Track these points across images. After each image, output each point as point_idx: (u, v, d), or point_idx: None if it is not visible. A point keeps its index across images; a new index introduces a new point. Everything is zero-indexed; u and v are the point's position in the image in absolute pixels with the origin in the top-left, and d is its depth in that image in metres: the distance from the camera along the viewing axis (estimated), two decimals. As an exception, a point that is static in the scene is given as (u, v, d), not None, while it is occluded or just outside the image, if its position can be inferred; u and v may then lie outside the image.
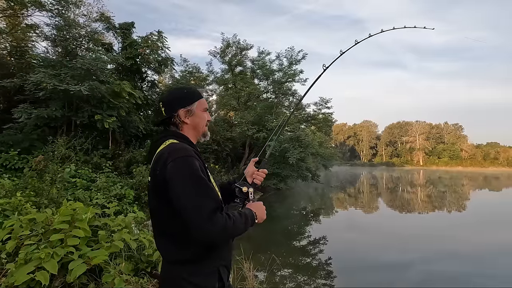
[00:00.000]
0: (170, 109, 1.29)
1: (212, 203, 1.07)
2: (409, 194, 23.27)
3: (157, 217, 1.22)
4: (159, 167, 1.13)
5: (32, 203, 4.51)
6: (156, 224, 1.23)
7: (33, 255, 2.21)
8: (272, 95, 20.14)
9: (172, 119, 1.29)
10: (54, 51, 11.28)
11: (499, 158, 76.37)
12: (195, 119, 1.31)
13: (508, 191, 26.98)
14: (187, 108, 1.29)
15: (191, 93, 1.34)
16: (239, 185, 1.40)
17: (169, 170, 1.09)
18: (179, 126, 1.30)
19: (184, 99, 1.31)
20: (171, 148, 1.16)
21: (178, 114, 1.28)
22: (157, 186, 1.15)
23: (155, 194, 1.18)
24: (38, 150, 8.21)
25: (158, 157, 1.17)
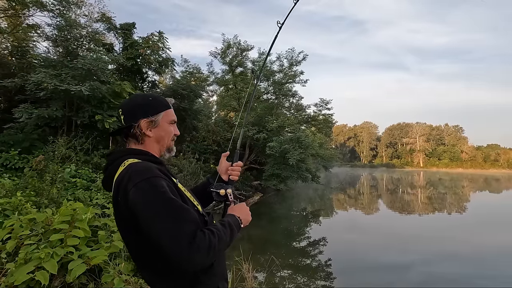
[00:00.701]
0: (130, 117, 1.12)
1: (189, 226, 0.92)
2: (409, 195, 23.26)
3: (131, 250, 1.07)
4: (120, 196, 0.98)
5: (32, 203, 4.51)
6: (133, 257, 1.09)
7: (33, 255, 2.22)
8: (273, 96, 20.17)
9: (132, 129, 1.12)
10: (55, 51, 11.30)
11: (500, 160, 76.30)
12: (159, 131, 1.15)
13: (509, 193, 26.95)
14: (150, 118, 1.12)
15: (157, 101, 1.17)
16: (215, 188, 1.28)
17: (131, 198, 0.93)
18: (139, 139, 1.13)
19: (148, 107, 1.13)
20: (131, 170, 0.99)
21: (139, 124, 1.11)
22: (122, 217, 1.02)
23: (122, 226, 1.05)
24: (38, 150, 8.23)
25: (117, 183, 1.01)
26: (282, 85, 19.09)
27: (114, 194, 1.02)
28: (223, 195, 1.26)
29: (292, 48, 18.87)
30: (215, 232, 0.96)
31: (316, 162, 20.35)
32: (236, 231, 1.08)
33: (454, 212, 15.43)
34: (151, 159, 1.10)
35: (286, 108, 21.01)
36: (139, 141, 1.13)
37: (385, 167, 77.01)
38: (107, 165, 1.12)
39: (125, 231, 1.06)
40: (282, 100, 20.46)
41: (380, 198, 21.99)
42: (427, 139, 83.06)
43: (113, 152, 1.15)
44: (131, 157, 1.07)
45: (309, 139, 15.78)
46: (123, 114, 1.15)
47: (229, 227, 1.05)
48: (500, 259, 7.68)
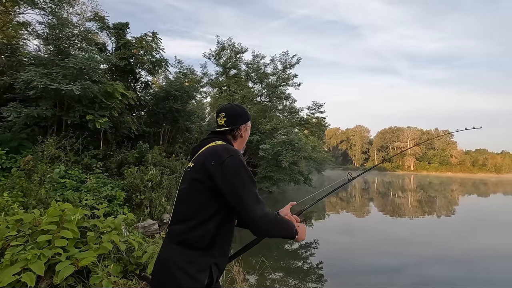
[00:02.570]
0: (234, 122, 1.50)
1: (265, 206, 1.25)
2: (400, 198, 23.55)
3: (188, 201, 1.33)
4: (215, 158, 1.28)
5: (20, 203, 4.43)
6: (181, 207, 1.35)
7: (19, 256, 2.17)
8: (266, 98, 20.25)
9: (235, 131, 1.50)
10: (46, 49, 11.12)
11: (487, 165, 78.00)
12: (246, 134, 1.57)
13: (496, 196, 27.54)
14: (246, 124, 1.55)
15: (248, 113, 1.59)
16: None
17: (227, 164, 1.25)
18: (236, 138, 1.52)
19: (245, 117, 1.55)
20: (226, 147, 1.34)
21: (240, 128, 1.52)
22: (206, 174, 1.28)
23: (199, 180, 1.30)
24: (27, 150, 8.07)
25: (211, 150, 1.34)
26: (275, 87, 19.19)
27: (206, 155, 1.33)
28: None
29: (286, 51, 19.02)
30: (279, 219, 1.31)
31: (308, 165, 20.46)
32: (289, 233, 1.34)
33: (444, 216, 15.68)
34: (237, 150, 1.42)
35: (280, 111, 21.12)
36: (235, 139, 1.52)
37: (376, 170, 77.87)
38: (204, 138, 1.49)
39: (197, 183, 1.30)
40: (276, 102, 20.56)
41: (372, 201, 22.21)
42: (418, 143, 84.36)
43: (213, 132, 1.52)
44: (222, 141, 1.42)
45: (302, 142, 15.87)
46: (226, 117, 1.50)
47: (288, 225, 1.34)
48: (488, 262, 7.83)
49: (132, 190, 8.62)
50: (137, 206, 8.56)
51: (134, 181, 8.71)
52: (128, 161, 10.13)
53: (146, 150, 10.51)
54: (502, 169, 76.99)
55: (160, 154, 11.25)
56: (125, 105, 10.58)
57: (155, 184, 9.28)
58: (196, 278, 1.23)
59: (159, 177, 9.55)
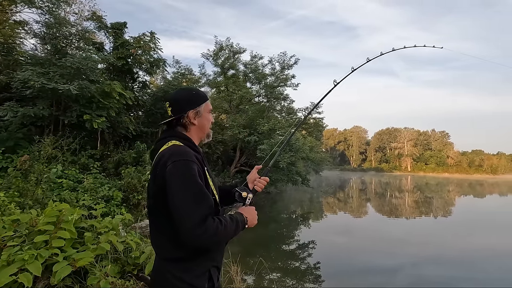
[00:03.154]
0: (179, 109, 1.31)
1: (204, 209, 1.09)
2: (397, 199, 23.65)
3: (155, 215, 1.24)
4: (159, 168, 1.16)
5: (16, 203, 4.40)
6: (153, 222, 1.25)
7: (16, 256, 2.16)
8: (264, 99, 20.26)
9: (181, 119, 1.31)
10: (43, 48, 11.05)
11: (483, 166, 78.53)
12: (202, 120, 1.35)
13: (492, 197, 27.74)
14: (196, 109, 1.32)
15: (199, 94, 1.37)
16: (240, 189, 1.43)
17: (168, 172, 1.11)
18: (187, 127, 1.32)
19: (193, 100, 1.34)
20: (173, 150, 1.18)
21: (187, 115, 1.31)
22: (156, 185, 1.17)
23: (154, 193, 1.20)
24: (23, 150, 8.01)
25: (159, 157, 1.20)
26: (273, 88, 19.19)
27: (155, 165, 1.20)
28: (244, 197, 1.42)
29: (284, 52, 19.04)
30: (223, 222, 1.14)
31: (306, 165, 20.48)
32: (240, 228, 1.24)
33: (440, 216, 15.77)
34: (191, 145, 1.28)
35: (278, 111, 21.12)
36: (186, 129, 1.33)
37: (374, 171, 78.15)
38: (157, 141, 1.33)
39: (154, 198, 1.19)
40: (274, 103, 20.56)
41: (369, 201, 22.29)
42: (415, 144, 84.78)
43: (165, 131, 1.36)
44: (175, 139, 1.26)
45: (300, 142, 15.88)
46: (171, 106, 1.32)
47: (236, 222, 1.22)
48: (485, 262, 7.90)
49: (130, 190, 8.59)
50: (134, 207, 8.53)
51: (131, 181, 8.68)
52: (126, 161, 10.09)
53: (144, 150, 10.47)
54: (498, 170, 77.57)
55: (158, 154, 11.21)
56: (123, 105, 10.54)
57: (153, 184, 9.24)
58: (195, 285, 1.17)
59: (156, 177, 9.50)
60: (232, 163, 18.25)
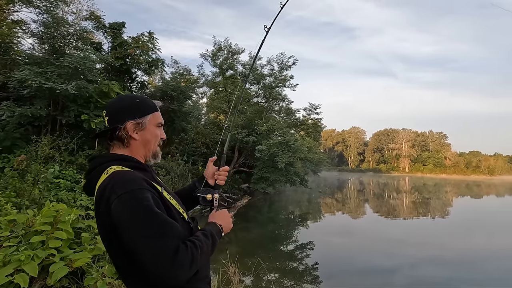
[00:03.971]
0: (115, 119, 1.08)
1: (172, 241, 0.90)
2: (395, 200, 23.71)
3: (113, 259, 1.04)
4: (102, 207, 0.95)
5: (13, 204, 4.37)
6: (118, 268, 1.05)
7: (12, 257, 2.15)
8: (263, 99, 20.27)
9: (117, 132, 1.07)
10: (41, 48, 11.01)
11: (481, 166, 78.97)
12: (145, 134, 1.11)
13: (489, 198, 27.87)
14: (137, 120, 1.09)
15: (144, 103, 1.13)
16: (202, 193, 1.29)
17: (114, 210, 0.91)
18: (125, 142, 1.08)
19: (135, 109, 1.10)
20: (114, 180, 0.95)
21: (125, 126, 1.07)
22: (103, 228, 0.99)
23: (104, 236, 1.01)
24: (20, 150, 7.97)
25: (99, 193, 0.97)
26: (272, 89, 19.22)
27: (96, 203, 0.99)
28: (209, 200, 1.27)
29: (283, 53, 19.07)
30: (197, 245, 0.96)
31: (304, 166, 20.50)
32: (217, 240, 1.08)
33: (438, 217, 15.83)
34: (136, 165, 1.07)
35: (276, 112, 21.15)
36: (124, 144, 1.09)
37: (372, 171, 78.38)
38: (89, 171, 1.08)
39: (106, 241, 1.02)
40: (272, 103, 20.59)
41: (367, 202, 22.34)
42: (413, 145, 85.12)
43: (95, 157, 1.10)
44: (115, 163, 1.03)
45: (298, 143, 15.90)
46: (108, 115, 1.10)
47: (211, 237, 1.05)
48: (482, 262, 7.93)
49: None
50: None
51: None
52: (124, 162, 10.06)
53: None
54: (495, 171, 78.02)
55: (156, 155, 11.19)
56: (121, 105, 10.50)
57: (151, 184, 9.22)
58: None
59: (154, 178, 9.49)
60: (230, 163, 18.24)
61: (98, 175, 1.02)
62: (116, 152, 1.10)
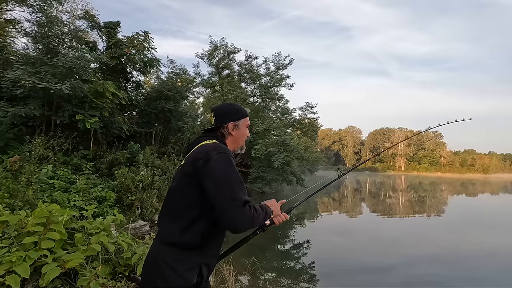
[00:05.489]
0: (221, 120, 1.48)
1: (245, 196, 1.22)
2: (391, 199, 23.85)
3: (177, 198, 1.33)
4: (203, 155, 1.27)
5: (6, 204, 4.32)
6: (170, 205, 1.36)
7: (3, 258, 2.12)
8: (259, 99, 20.26)
9: (221, 129, 1.48)
10: (35, 47, 10.90)
11: (475, 165, 79.69)
12: (239, 133, 1.51)
13: (484, 196, 28.14)
14: (235, 122, 1.49)
15: (240, 110, 1.54)
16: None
17: (213, 160, 1.24)
18: (226, 136, 1.48)
19: (234, 114, 1.51)
20: (216, 145, 1.33)
21: (227, 125, 1.47)
22: (195, 171, 1.27)
23: (188, 177, 1.30)
24: (14, 150, 7.88)
25: (201, 148, 1.34)
26: (268, 88, 19.21)
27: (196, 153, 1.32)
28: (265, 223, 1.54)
29: (279, 52, 19.08)
30: (257, 210, 1.30)
31: (301, 165, 20.53)
32: (267, 218, 1.43)
33: (434, 215, 15.94)
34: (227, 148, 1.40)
35: (272, 111, 21.15)
36: (224, 137, 1.48)
37: (368, 170, 78.73)
38: (197, 138, 1.49)
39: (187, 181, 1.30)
40: (268, 103, 20.59)
41: (364, 201, 22.44)
42: (408, 144, 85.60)
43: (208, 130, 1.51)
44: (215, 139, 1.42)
45: (295, 142, 15.92)
46: (215, 116, 1.49)
47: (265, 212, 1.39)
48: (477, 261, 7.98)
49: (123, 191, 8.51)
50: (128, 207, 8.45)
51: (125, 181, 8.60)
52: (119, 162, 10.00)
53: (138, 150, 10.39)
54: (489, 169, 78.80)
55: (152, 155, 11.14)
56: (116, 105, 10.44)
57: (147, 184, 9.18)
58: (184, 277, 1.23)
59: (150, 178, 9.45)
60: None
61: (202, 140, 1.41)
62: None
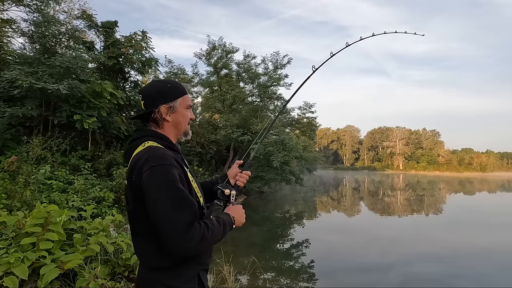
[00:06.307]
0: (150, 103, 1.19)
1: (188, 216, 1.01)
2: (389, 197, 23.91)
3: (135, 222, 1.15)
4: (135, 174, 1.06)
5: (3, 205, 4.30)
6: (134, 229, 1.17)
7: (1, 259, 2.11)
8: (257, 98, 20.24)
9: (152, 114, 1.20)
10: (32, 47, 10.84)
11: (473, 164, 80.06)
12: (177, 116, 1.23)
13: (481, 195, 28.27)
14: (169, 104, 1.20)
15: (175, 88, 1.24)
16: (222, 187, 1.36)
17: (144, 179, 1.02)
18: (159, 123, 1.21)
19: (167, 94, 1.21)
20: (149, 153, 1.07)
21: (159, 110, 1.19)
22: (133, 192, 1.09)
23: (132, 200, 1.12)
24: (11, 151, 7.84)
25: (134, 161, 1.09)
26: (266, 87, 19.20)
27: (130, 170, 1.11)
28: (227, 195, 1.35)
29: (277, 52, 19.06)
30: (209, 227, 1.06)
31: (300, 165, 20.56)
32: (228, 229, 1.17)
33: (432, 214, 16.00)
34: (169, 145, 1.19)
35: (271, 111, 21.12)
36: (158, 125, 1.22)
37: (366, 170, 78.94)
38: (131, 140, 1.22)
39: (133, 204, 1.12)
40: (267, 102, 20.57)
41: (362, 200, 22.49)
42: (407, 143, 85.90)
43: (139, 130, 1.26)
44: (152, 139, 1.16)
45: (293, 141, 15.92)
46: (144, 100, 1.22)
47: (223, 224, 1.15)
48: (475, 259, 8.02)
49: (122, 191, 8.49)
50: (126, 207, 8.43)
51: (123, 182, 8.57)
52: (117, 162, 9.97)
53: (136, 150, 10.36)
54: (487, 168, 79.19)
55: (150, 155, 11.12)
56: (114, 105, 10.41)
57: (145, 185, 9.17)
58: None
59: (149, 178, 9.43)
60: (226, 163, 18.20)
61: (136, 146, 1.15)
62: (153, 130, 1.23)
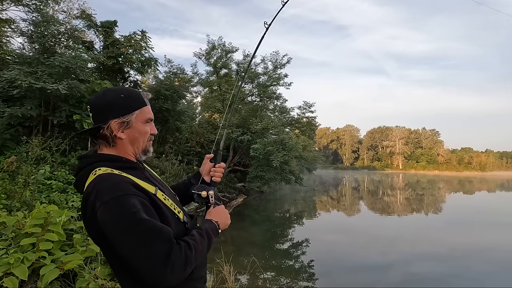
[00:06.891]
0: (99, 117, 1.00)
1: (161, 246, 0.86)
2: (389, 197, 23.93)
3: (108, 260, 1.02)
4: (89, 212, 0.91)
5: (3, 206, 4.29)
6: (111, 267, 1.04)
7: (1, 260, 2.10)
8: (257, 98, 20.24)
9: (101, 130, 1.00)
10: (31, 47, 10.82)
11: (472, 163, 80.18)
12: (132, 132, 1.03)
13: (481, 194, 28.31)
14: (121, 119, 1.00)
15: (130, 98, 1.03)
16: (197, 189, 1.26)
17: (100, 219, 0.87)
18: (110, 141, 1.01)
19: (120, 106, 1.01)
20: (99, 186, 0.90)
21: (109, 126, 0.99)
22: (92, 231, 0.95)
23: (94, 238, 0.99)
24: (10, 151, 7.83)
25: (85, 197, 0.93)
26: (266, 87, 19.21)
27: (83, 207, 0.95)
28: (204, 197, 1.24)
29: (277, 51, 19.07)
30: (191, 245, 0.93)
31: (299, 164, 20.56)
32: (213, 237, 1.05)
33: (431, 213, 16.02)
34: (125, 165, 1.01)
35: (270, 111, 21.15)
36: (110, 143, 1.02)
37: (366, 169, 79.00)
38: (78, 170, 1.02)
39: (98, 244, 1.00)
40: (267, 102, 20.58)
41: (362, 199, 22.50)
42: (406, 142, 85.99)
43: (83, 157, 1.04)
44: (103, 164, 0.97)
45: (293, 141, 15.93)
46: (91, 112, 1.02)
47: (207, 235, 1.02)
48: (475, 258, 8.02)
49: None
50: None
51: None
52: (117, 162, 9.96)
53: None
54: (486, 167, 79.31)
55: (150, 155, 11.11)
56: (114, 105, 10.38)
57: (145, 184, 9.15)
58: None
59: (149, 178, 9.42)
60: (226, 162, 18.20)
61: (86, 175, 0.97)
62: (104, 151, 1.04)
